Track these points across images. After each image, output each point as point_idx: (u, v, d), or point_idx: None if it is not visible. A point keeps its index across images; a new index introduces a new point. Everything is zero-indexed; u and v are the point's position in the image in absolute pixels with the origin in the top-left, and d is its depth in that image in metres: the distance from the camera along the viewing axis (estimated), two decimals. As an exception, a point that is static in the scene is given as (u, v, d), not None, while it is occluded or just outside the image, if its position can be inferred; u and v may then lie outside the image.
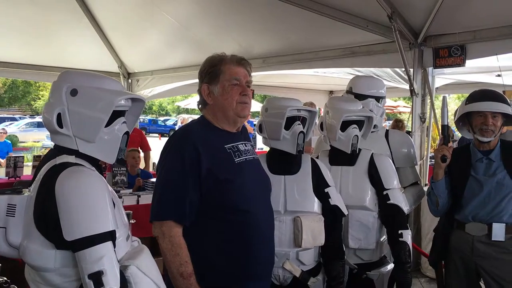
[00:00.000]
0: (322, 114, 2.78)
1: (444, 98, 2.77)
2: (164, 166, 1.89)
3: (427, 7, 4.14)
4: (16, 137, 20.52)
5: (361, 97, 2.86)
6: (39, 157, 6.44)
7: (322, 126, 2.70)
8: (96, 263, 1.38)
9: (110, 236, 1.43)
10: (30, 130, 22.88)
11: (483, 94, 2.58)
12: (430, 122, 5.02)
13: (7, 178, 6.13)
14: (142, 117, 25.69)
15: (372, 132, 2.78)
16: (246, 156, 1.98)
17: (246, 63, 1.97)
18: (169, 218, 1.82)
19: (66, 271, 1.46)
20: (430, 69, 4.68)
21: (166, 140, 2.13)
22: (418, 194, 2.99)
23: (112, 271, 1.39)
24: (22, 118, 26.43)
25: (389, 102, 12.00)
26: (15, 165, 6.09)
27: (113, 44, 6.76)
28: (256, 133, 2.30)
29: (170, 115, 34.17)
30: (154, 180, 4.78)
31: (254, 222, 1.91)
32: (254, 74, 2.03)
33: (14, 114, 28.94)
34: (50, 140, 1.63)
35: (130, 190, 4.77)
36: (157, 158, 2.05)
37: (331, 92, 8.91)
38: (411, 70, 4.56)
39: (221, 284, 1.87)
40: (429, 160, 5.04)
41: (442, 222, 2.73)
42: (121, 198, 4.00)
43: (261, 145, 10.96)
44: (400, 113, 17.50)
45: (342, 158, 2.57)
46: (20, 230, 1.51)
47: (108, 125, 1.56)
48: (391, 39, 4.32)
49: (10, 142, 11.37)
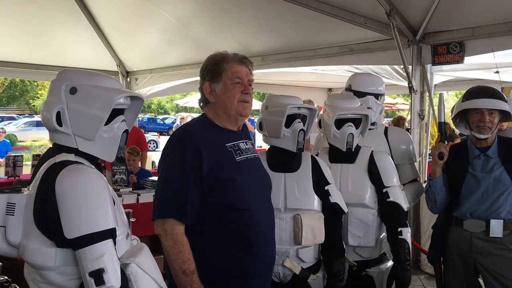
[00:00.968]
0: (321, 111, 2.78)
1: (441, 95, 2.78)
2: (165, 165, 1.90)
3: (426, 4, 4.14)
4: (15, 136, 20.50)
5: (360, 94, 2.87)
6: (39, 156, 6.43)
7: (320, 123, 2.70)
8: (97, 261, 1.38)
9: (110, 234, 1.43)
10: (29, 130, 22.85)
11: (480, 91, 2.59)
12: (429, 119, 5.03)
13: (7, 177, 6.14)
14: (141, 115, 25.65)
15: (371, 129, 2.79)
16: (247, 154, 1.98)
17: (248, 62, 1.98)
18: (170, 216, 1.82)
19: (66, 270, 1.46)
20: (429, 66, 4.68)
21: (164, 137, 2.13)
22: (417, 191, 2.99)
23: (113, 269, 1.39)
24: (20, 118, 26.39)
25: (387, 99, 12.00)
26: (14, 164, 6.09)
27: (111, 42, 6.75)
28: (255, 131, 2.30)
29: (168, 114, 34.12)
30: (153, 178, 4.80)
31: (255, 221, 1.91)
32: (253, 72, 2.03)
33: (12, 114, 28.90)
34: (50, 138, 1.63)
35: (130, 189, 4.77)
36: (156, 158, 2.06)
37: (330, 89, 8.92)
38: (410, 67, 4.56)
39: (222, 281, 1.88)
40: (428, 157, 5.05)
41: (441, 219, 2.74)
42: (120, 196, 4.00)
43: (260, 143, 10.96)
44: (398, 110, 17.50)
45: (342, 155, 2.58)
46: (19, 229, 1.50)
47: (107, 123, 1.56)
48: (390, 36, 4.32)
49: (9, 141, 11.35)
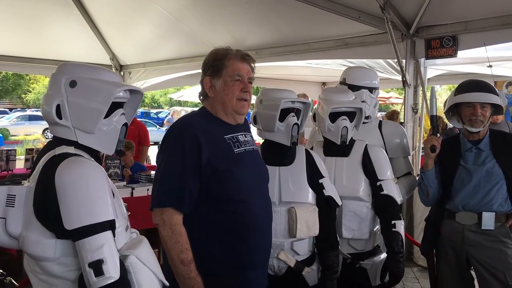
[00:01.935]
0: (316, 105, 2.79)
1: (432, 89, 2.79)
2: (164, 156, 1.91)
3: (419, -2, 4.16)
4: (7, 130, 20.35)
5: (354, 88, 2.87)
6: (32, 150, 6.40)
7: (315, 117, 2.71)
8: (96, 252, 1.38)
9: (109, 225, 1.44)
10: (21, 124, 22.69)
11: (472, 84, 2.60)
12: (422, 113, 5.06)
13: (0, 171, 6.10)
14: (135, 109, 25.45)
15: (365, 123, 2.80)
16: (246, 147, 1.99)
17: (250, 59, 1.98)
18: (169, 206, 1.83)
19: (66, 261, 1.47)
20: (422, 60, 4.71)
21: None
22: (411, 185, 3.01)
23: (112, 260, 1.40)
24: (13, 112, 26.19)
25: (381, 93, 12.00)
26: (7, 158, 6.05)
27: (104, 36, 6.71)
28: (250, 125, 2.31)
29: (162, 108, 34.00)
30: (149, 173, 4.80)
31: (252, 212, 1.93)
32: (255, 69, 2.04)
33: (4, 108, 28.67)
34: (49, 132, 1.65)
35: (124, 183, 4.76)
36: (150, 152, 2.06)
37: (324, 83, 8.92)
38: (404, 61, 4.58)
39: (218, 272, 1.89)
40: (421, 150, 5.08)
41: (433, 212, 2.76)
42: (115, 190, 3.99)
43: (255, 136, 10.93)
44: (392, 104, 17.54)
45: (336, 149, 2.59)
46: (19, 221, 1.51)
47: (106, 116, 1.57)
48: (384, 30, 4.33)
49: (1, 135, 11.29)
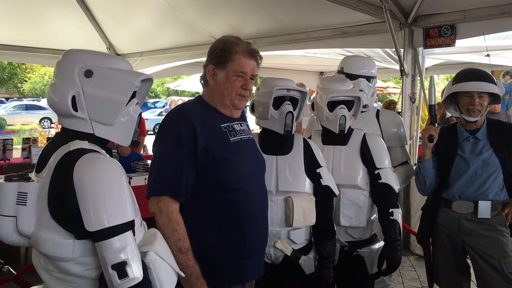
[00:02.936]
0: (314, 94, 2.78)
1: (431, 78, 2.79)
2: (160, 143, 1.90)
3: (418, -13, 4.13)
4: (4, 120, 20.28)
5: (352, 77, 2.87)
6: (28, 139, 6.39)
7: (313, 106, 2.71)
8: (119, 253, 1.35)
9: (130, 225, 1.41)
10: (18, 113, 22.62)
11: (470, 73, 2.60)
12: (420, 102, 5.05)
13: (-3, 160, 6.09)
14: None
15: (363, 112, 2.80)
16: (242, 135, 1.99)
17: (258, 56, 1.97)
18: (165, 194, 1.83)
19: (85, 260, 1.43)
20: (420, 49, 4.69)
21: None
22: (408, 173, 3.02)
23: (135, 261, 1.36)
24: (9, 101, 26.07)
25: (379, 83, 11.98)
26: (4, 147, 6.04)
27: (101, 24, 6.64)
28: (248, 113, 2.31)
29: (159, 97, 33.89)
30: (146, 162, 4.80)
31: (248, 201, 1.93)
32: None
33: (1, 97, 28.52)
34: (59, 123, 1.55)
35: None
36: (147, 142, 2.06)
37: (322, 73, 8.90)
38: (402, 50, 4.56)
39: (214, 260, 1.90)
40: (418, 140, 5.09)
41: (430, 201, 2.77)
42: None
43: (252, 126, 10.93)
44: (390, 94, 17.52)
45: (334, 137, 2.59)
46: (32, 219, 1.44)
47: None
48: (382, 19, 4.30)
49: (-2, 124, 11.25)
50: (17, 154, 6.63)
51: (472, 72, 2.62)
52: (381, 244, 2.60)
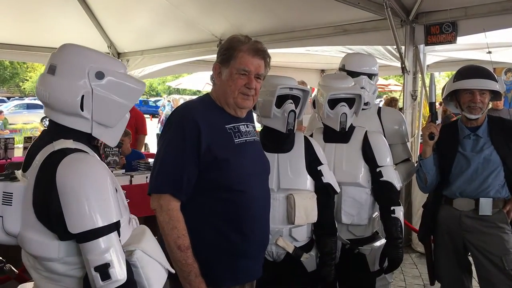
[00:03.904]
0: (315, 92, 2.78)
1: (431, 75, 2.79)
2: (164, 141, 1.90)
3: (419, -16, 4.12)
4: (5, 119, 20.28)
5: (353, 74, 2.86)
6: (30, 138, 6.41)
7: (314, 104, 2.71)
8: (102, 255, 1.34)
9: (115, 226, 1.40)
10: (19, 112, 22.62)
11: (471, 71, 2.59)
12: (421, 100, 5.04)
13: (-2, 159, 6.10)
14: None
15: (364, 109, 2.80)
16: (247, 137, 1.99)
17: (264, 55, 1.94)
18: (166, 192, 1.83)
19: (71, 260, 1.43)
20: (422, 46, 4.68)
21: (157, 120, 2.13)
22: (410, 171, 3.02)
23: (118, 263, 1.36)
24: (10, 100, 26.09)
25: (380, 80, 11.98)
26: (6, 146, 6.05)
27: (102, 23, 6.64)
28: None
29: (160, 96, 33.86)
30: (147, 161, 4.80)
31: (249, 203, 1.93)
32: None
33: (2, 96, 28.55)
34: (50, 117, 1.54)
35: (123, 171, 4.76)
36: (148, 140, 2.06)
37: (323, 70, 8.88)
38: (403, 47, 4.55)
39: (213, 259, 1.90)
40: (420, 137, 5.08)
41: (431, 198, 2.77)
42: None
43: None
44: (391, 91, 17.50)
45: (336, 135, 2.59)
46: (18, 219, 1.45)
47: None
48: (383, 17, 4.29)
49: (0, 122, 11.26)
50: (18, 153, 6.65)
51: (473, 69, 2.61)
52: (382, 241, 2.60)
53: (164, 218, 1.82)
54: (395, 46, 4.54)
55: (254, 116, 2.43)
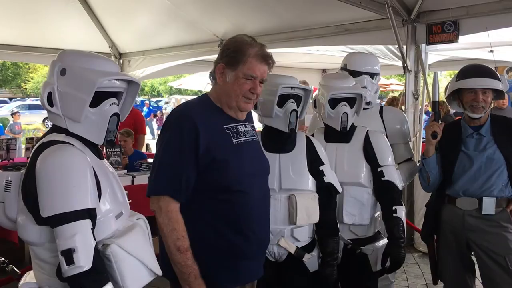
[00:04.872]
0: (316, 91, 2.78)
1: (435, 74, 2.78)
2: (163, 142, 1.90)
3: (420, -17, 4.12)
4: (7, 119, 20.32)
5: (355, 73, 2.85)
6: (32, 139, 6.41)
7: (315, 103, 2.70)
8: (68, 240, 1.40)
9: (87, 214, 1.45)
10: (21, 113, 22.62)
11: (474, 70, 2.58)
12: (423, 99, 5.04)
13: (0, 160, 6.10)
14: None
15: (366, 109, 2.79)
16: (245, 137, 1.98)
17: (270, 61, 1.95)
18: (165, 193, 1.83)
19: (51, 247, 1.49)
20: (423, 45, 4.67)
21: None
22: (412, 171, 3.01)
23: (84, 249, 1.41)
24: (12, 101, 26.14)
25: (382, 80, 11.96)
26: (8, 147, 6.06)
27: (103, 24, 6.66)
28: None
29: (162, 96, 33.87)
30: (149, 160, 4.81)
31: (248, 204, 1.92)
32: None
33: (4, 97, 28.60)
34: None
35: (125, 171, 4.78)
36: (150, 140, 2.06)
37: (324, 70, 8.88)
38: (404, 47, 4.55)
39: (213, 261, 1.89)
40: (422, 137, 5.07)
41: (434, 197, 2.76)
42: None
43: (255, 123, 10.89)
44: (392, 91, 17.48)
45: (337, 135, 2.58)
46: (15, 205, 1.57)
47: (96, 105, 1.57)
48: (385, 16, 4.29)
49: (1, 124, 11.28)
50: (20, 153, 6.65)
51: (476, 68, 2.61)
52: (384, 241, 2.60)
53: (163, 220, 1.82)
54: (397, 46, 4.54)
55: (255, 115, 2.43)
